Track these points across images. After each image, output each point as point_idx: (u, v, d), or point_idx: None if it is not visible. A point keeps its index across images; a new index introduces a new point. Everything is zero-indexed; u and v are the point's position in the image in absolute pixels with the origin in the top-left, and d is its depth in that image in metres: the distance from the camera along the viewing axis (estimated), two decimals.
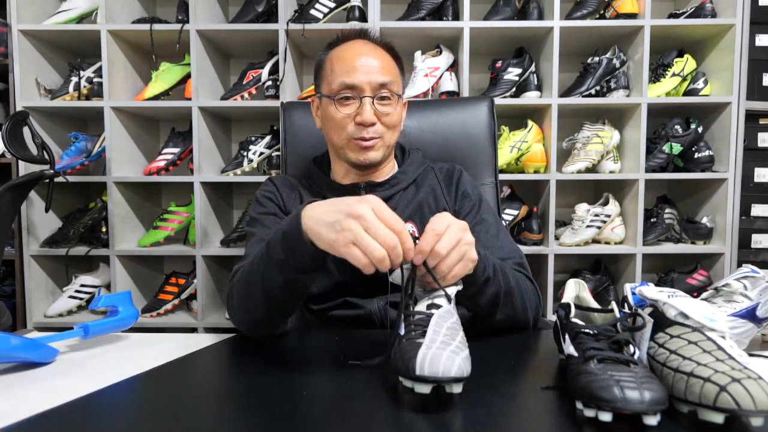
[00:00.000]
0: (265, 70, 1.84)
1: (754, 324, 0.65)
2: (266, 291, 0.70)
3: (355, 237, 0.57)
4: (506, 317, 0.78)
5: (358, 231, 0.57)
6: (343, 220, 0.58)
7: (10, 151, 1.42)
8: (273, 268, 0.68)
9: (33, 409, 0.51)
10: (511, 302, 0.77)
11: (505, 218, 1.85)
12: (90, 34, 1.79)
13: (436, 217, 0.64)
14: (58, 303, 1.86)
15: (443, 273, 0.61)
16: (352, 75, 0.87)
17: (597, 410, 0.45)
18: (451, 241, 0.61)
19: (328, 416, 0.50)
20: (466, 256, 0.63)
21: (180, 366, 0.66)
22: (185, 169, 1.95)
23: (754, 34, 1.82)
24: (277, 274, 0.67)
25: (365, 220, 0.57)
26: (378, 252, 0.56)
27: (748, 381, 0.43)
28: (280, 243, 0.66)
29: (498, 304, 0.75)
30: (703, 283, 1.83)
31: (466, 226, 0.65)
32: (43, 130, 1.86)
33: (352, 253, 0.57)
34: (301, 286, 0.71)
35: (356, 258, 0.57)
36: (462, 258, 0.63)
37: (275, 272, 0.68)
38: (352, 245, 0.57)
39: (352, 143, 0.89)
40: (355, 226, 0.57)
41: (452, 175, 0.99)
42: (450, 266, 0.61)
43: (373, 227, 0.57)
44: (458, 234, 0.62)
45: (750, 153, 1.85)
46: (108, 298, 0.78)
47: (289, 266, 0.66)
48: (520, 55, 1.87)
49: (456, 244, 0.62)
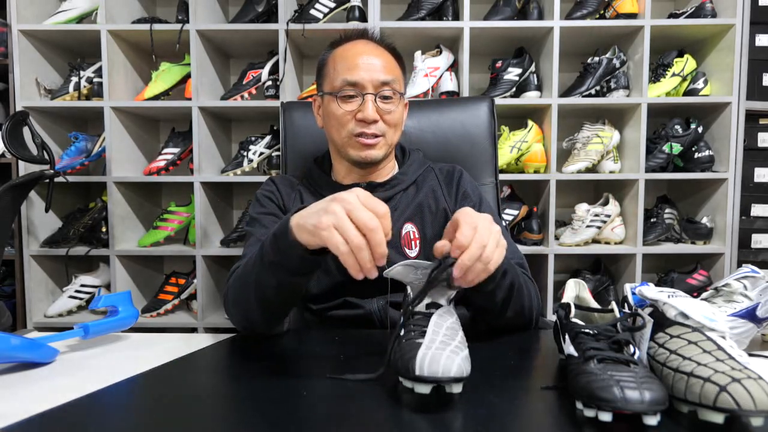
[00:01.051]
0: (265, 70, 1.84)
1: (754, 324, 0.65)
2: (260, 292, 0.70)
3: (337, 220, 0.57)
4: (515, 314, 0.78)
5: (341, 214, 0.57)
6: (328, 206, 0.59)
7: (10, 151, 1.42)
8: (266, 270, 0.68)
9: (33, 409, 0.51)
10: (520, 297, 0.77)
11: (505, 218, 1.85)
12: (90, 34, 1.79)
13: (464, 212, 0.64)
14: (58, 303, 1.86)
15: (488, 259, 0.61)
16: (355, 72, 0.87)
17: (597, 410, 0.45)
18: (486, 231, 0.62)
19: (328, 416, 0.50)
20: (500, 243, 0.64)
21: (180, 366, 0.66)
22: (185, 169, 1.95)
23: (754, 34, 1.82)
24: (270, 276, 0.68)
25: (347, 202, 0.58)
26: (356, 238, 0.56)
27: (748, 381, 0.43)
28: (271, 244, 0.66)
29: (512, 297, 0.75)
30: (703, 283, 1.83)
31: (491, 217, 0.65)
32: (43, 130, 1.86)
33: (333, 238, 0.57)
34: (294, 289, 0.71)
35: (336, 244, 0.56)
36: (498, 245, 0.63)
37: (268, 274, 0.68)
38: (333, 229, 0.57)
39: (353, 140, 0.89)
40: (339, 209, 0.58)
41: (452, 175, 0.99)
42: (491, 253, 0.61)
43: (355, 209, 0.57)
44: (489, 225, 0.63)
45: (750, 153, 1.85)
46: (108, 298, 0.78)
47: (281, 268, 0.66)
48: (520, 55, 1.87)
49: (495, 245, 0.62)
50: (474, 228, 0.61)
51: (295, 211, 0.65)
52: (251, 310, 0.73)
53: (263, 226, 0.90)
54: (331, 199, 0.60)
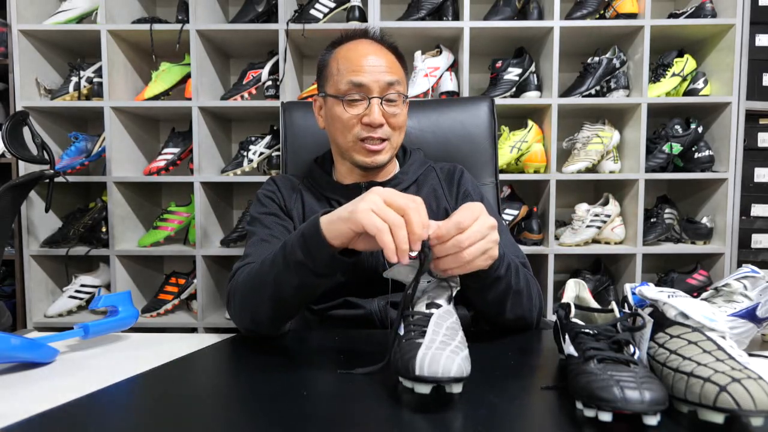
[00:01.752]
0: (265, 70, 1.84)
1: (754, 324, 0.65)
2: (277, 292, 0.70)
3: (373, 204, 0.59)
4: (515, 317, 0.78)
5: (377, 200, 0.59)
6: (362, 197, 0.60)
7: (10, 151, 1.42)
8: (288, 270, 0.67)
9: (33, 409, 0.51)
10: (519, 303, 0.76)
11: (506, 218, 1.85)
12: (90, 34, 1.79)
13: (466, 207, 0.63)
14: (58, 303, 1.86)
15: (464, 260, 0.61)
16: (360, 74, 0.86)
17: (597, 410, 0.45)
18: (476, 234, 0.61)
19: (328, 416, 0.50)
20: (487, 253, 0.63)
21: (180, 366, 0.66)
22: (185, 169, 1.95)
23: (754, 34, 1.82)
24: (292, 276, 0.67)
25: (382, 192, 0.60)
26: (395, 217, 0.57)
27: (748, 381, 0.43)
28: (299, 244, 0.66)
29: (505, 302, 0.75)
30: (703, 283, 1.83)
31: (495, 223, 0.64)
32: (43, 130, 1.86)
33: (370, 218, 0.58)
34: (315, 290, 0.71)
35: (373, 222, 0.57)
36: (483, 253, 0.62)
37: (290, 274, 0.67)
38: (371, 211, 0.58)
39: (358, 146, 0.89)
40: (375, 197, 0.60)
41: (453, 174, 0.99)
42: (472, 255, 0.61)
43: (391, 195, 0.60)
44: (485, 230, 0.62)
45: (750, 153, 1.85)
46: (108, 298, 0.78)
47: (307, 269, 0.66)
48: (520, 55, 1.87)
49: (481, 238, 0.62)
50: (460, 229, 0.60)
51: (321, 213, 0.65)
52: (261, 310, 0.73)
53: (265, 226, 0.90)
54: (359, 199, 0.61)
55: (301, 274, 0.66)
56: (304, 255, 0.65)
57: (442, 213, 0.94)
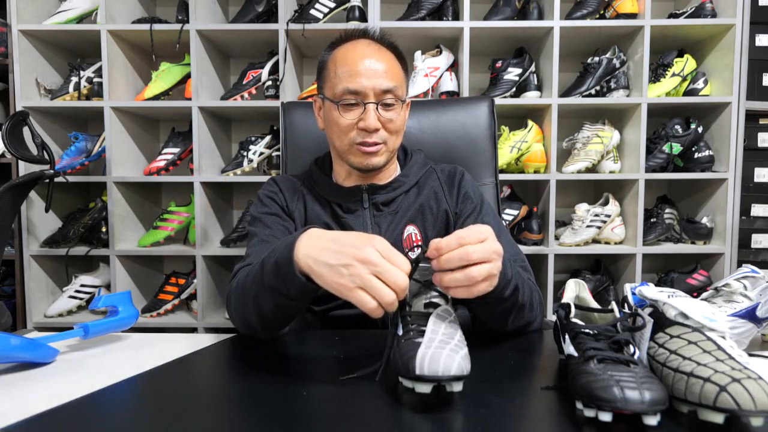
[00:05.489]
0: (265, 70, 1.84)
1: (754, 324, 0.65)
2: (257, 308, 0.70)
3: (364, 282, 0.55)
4: (517, 327, 0.78)
5: (368, 277, 0.55)
6: (350, 264, 0.56)
7: (10, 151, 1.42)
8: (264, 291, 0.68)
9: (33, 409, 0.51)
10: (522, 316, 0.76)
11: (506, 218, 1.85)
12: (90, 34, 1.79)
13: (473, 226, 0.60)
14: (58, 303, 1.86)
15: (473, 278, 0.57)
16: (356, 80, 0.85)
17: (597, 410, 0.45)
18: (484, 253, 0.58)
19: (328, 416, 0.50)
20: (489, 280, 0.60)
21: (180, 366, 0.66)
22: (185, 169, 1.95)
23: (754, 34, 1.82)
24: (267, 297, 0.68)
25: (374, 264, 0.56)
26: (388, 296, 0.55)
27: (748, 381, 0.43)
28: (273, 270, 0.65)
29: (507, 318, 0.74)
30: (703, 283, 1.83)
31: (501, 251, 0.61)
32: (43, 130, 1.86)
33: (360, 298, 0.56)
34: (293, 311, 0.71)
35: (364, 302, 0.55)
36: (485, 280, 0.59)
37: (266, 295, 0.68)
38: (360, 290, 0.56)
39: (354, 148, 0.89)
40: (364, 271, 0.56)
41: (454, 176, 0.98)
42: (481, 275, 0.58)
43: (383, 271, 0.55)
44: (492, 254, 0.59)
45: (750, 153, 1.85)
46: (108, 298, 0.78)
47: (280, 293, 0.66)
48: (520, 55, 1.87)
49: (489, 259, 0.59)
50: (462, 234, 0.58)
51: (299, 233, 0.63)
52: (250, 320, 0.73)
53: (266, 226, 0.90)
54: (352, 257, 0.56)
55: (276, 297, 0.66)
56: (277, 281, 0.65)
57: (442, 215, 0.94)
